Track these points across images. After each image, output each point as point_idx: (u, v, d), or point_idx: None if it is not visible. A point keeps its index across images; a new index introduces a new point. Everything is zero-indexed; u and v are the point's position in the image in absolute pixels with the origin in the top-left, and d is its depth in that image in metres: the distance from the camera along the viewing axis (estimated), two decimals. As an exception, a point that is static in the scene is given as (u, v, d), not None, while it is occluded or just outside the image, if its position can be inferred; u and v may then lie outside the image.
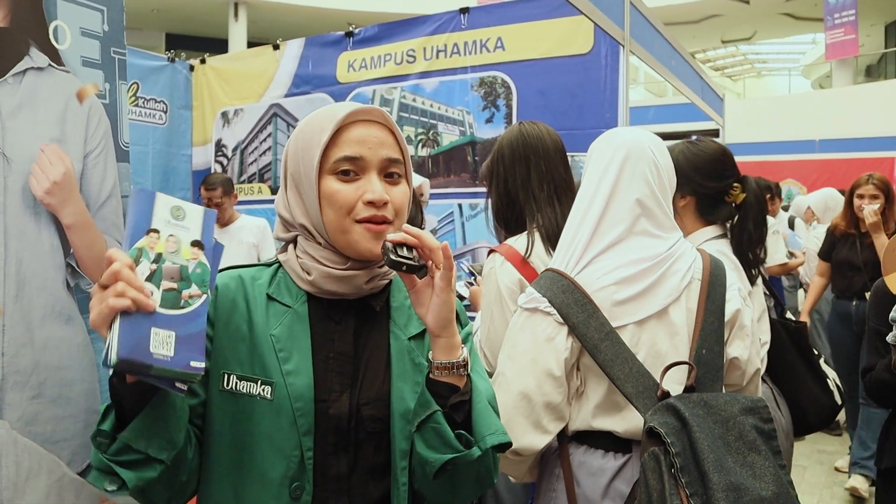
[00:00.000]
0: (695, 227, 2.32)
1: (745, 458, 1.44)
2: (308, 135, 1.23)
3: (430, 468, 1.15)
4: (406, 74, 4.34)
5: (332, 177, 1.21)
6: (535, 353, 1.61)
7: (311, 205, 1.22)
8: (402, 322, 1.29)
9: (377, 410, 1.22)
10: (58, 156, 1.26)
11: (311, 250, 1.25)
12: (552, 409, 1.61)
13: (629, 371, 1.58)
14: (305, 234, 1.25)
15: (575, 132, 3.49)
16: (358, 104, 1.23)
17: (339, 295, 1.24)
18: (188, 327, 1.00)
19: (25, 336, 1.20)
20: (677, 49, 4.22)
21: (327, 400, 1.20)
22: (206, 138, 5.27)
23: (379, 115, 1.24)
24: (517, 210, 2.17)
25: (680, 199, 2.29)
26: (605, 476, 1.62)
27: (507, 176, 2.18)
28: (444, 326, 1.15)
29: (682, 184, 2.23)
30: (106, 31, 1.35)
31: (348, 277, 1.23)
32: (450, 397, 1.16)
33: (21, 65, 1.21)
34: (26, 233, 1.21)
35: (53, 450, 1.25)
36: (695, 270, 1.69)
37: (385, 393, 1.23)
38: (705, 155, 2.31)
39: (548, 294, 1.63)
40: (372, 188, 1.20)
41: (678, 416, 1.47)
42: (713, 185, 2.29)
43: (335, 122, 1.20)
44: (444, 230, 4.21)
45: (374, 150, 1.21)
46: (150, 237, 1.00)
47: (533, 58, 3.92)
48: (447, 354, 1.16)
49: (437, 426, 1.14)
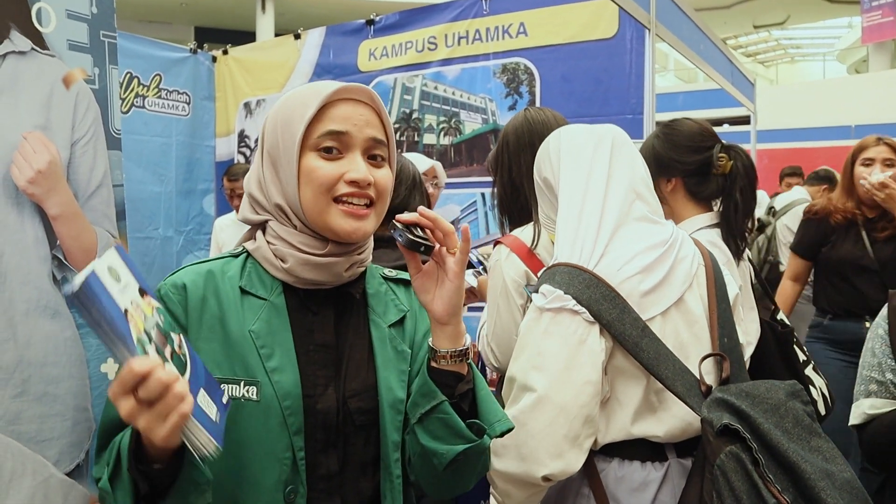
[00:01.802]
0: (686, 213, 2.21)
1: (809, 444, 1.36)
2: (290, 110, 1.16)
3: (441, 459, 1.12)
4: (427, 62, 4.27)
5: (313, 153, 1.15)
6: (568, 358, 1.44)
7: (288, 182, 1.15)
8: (380, 310, 1.25)
9: (364, 402, 1.18)
10: (42, 143, 1.21)
11: (285, 235, 1.18)
12: (590, 422, 1.45)
13: (674, 368, 1.46)
14: (280, 215, 1.18)
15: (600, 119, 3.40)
16: (346, 83, 1.17)
17: (316, 284, 1.18)
18: (201, 375, 0.97)
19: (7, 331, 1.16)
20: (706, 32, 4.11)
21: (313, 395, 1.15)
22: (229, 129, 5.25)
23: (366, 95, 1.18)
24: (522, 200, 2.09)
25: (666, 184, 2.20)
26: (649, 490, 1.50)
27: (511, 164, 2.10)
28: (453, 314, 1.12)
29: (666, 167, 2.19)
30: (95, 14, 1.30)
31: (328, 265, 1.17)
32: (456, 386, 1.13)
33: (0, 49, 1.16)
34: (7, 224, 1.17)
35: (39, 449, 1.21)
36: (697, 255, 1.61)
37: (371, 384, 1.19)
38: (680, 132, 2.22)
39: (570, 290, 1.47)
40: (356, 167, 1.14)
41: (733, 410, 1.38)
42: (696, 159, 2.18)
43: (321, 97, 1.14)
44: (468, 220, 4.15)
45: (359, 128, 1.16)
46: (132, 319, 0.88)
47: (556, 43, 3.84)
48: (453, 342, 1.13)
49: (445, 416, 1.11)
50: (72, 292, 0.81)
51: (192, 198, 5.16)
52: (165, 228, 4.95)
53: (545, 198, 1.77)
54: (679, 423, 1.49)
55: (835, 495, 1.27)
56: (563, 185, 1.63)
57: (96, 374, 1.28)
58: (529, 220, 2.05)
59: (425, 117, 4.27)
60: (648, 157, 2.16)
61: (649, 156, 2.17)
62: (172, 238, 5.01)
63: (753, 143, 5.74)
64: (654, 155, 2.20)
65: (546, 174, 1.71)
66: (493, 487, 1.53)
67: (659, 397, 1.50)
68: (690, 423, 1.50)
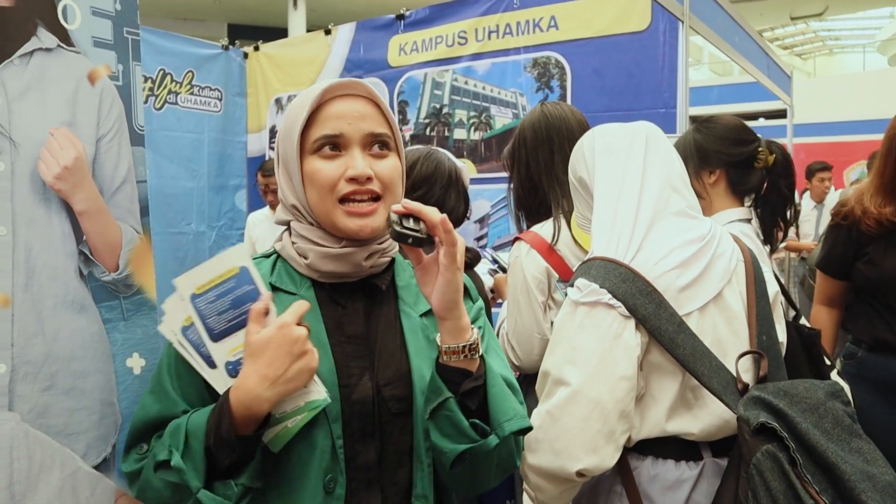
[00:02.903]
0: (722, 206, 2.21)
1: (849, 445, 1.33)
2: (292, 116, 1.19)
3: (446, 458, 1.12)
4: (458, 57, 4.25)
5: (314, 156, 1.17)
6: (603, 353, 1.43)
7: (297, 186, 1.19)
8: (410, 300, 1.26)
9: (399, 390, 1.19)
10: (69, 140, 1.22)
11: (305, 232, 1.21)
12: (625, 418, 1.43)
13: (710, 365, 1.44)
14: (297, 214, 1.22)
15: (632, 113, 3.38)
16: (338, 80, 1.19)
17: (340, 276, 1.21)
18: None
19: (36, 326, 1.17)
20: (741, 24, 4.04)
21: (349, 385, 1.17)
22: (261, 125, 5.29)
23: (360, 88, 1.19)
24: (540, 195, 2.07)
25: (709, 176, 2.20)
26: (683, 489, 1.48)
27: (528, 160, 2.08)
28: (450, 308, 1.10)
29: (709, 159, 2.18)
30: (118, 11, 1.31)
31: (345, 255, 1.19)
32: (461, 383, 1.11)
33: (28, 46, 1.17)
34: (36, 220, 1.18)
35: (67, 443, 1.22)
36: (736, 251, 1.58)
37: (405, 371, 1.20)
38: (723, 125, 2.22)
39: (606, 284, 1.45)
40: (354, 164, 1.16)
41: (771, 408, 1.35)
42: (741, 150, 2.19)
43: (312, 100, 1.16)
44: (498, 215, 4.13)
45: (354, 124, 1.17)
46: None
47: (587, 36, 3.80)
48: (455, 338, 1.12)
49: (450, 414, 1.10)
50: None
51: (223, 193, 5.20)
52: (198, 224, 5.00)
53: (580, 197, 1.75)
54: (715, 421, 1.47)
55: (876, 498, 1.24)
56: (598, 182, 1.62)
57: (122, 369, 1.29)
58: (548, 216, 2.03)
59: (455, 112, 4.25)
60: (689, 151, 2.16)
61: (690, 149, 2.18)
62: (205, 233, 5.05)
63: (790, 137, 5.64)
64: (696, 147, 2.20)
65: (581, 173, 1.69)
66: (526, 482, 1.52)
67: (695, 394, 1.48)
68: (727, 420, 1.47)
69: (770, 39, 25.35)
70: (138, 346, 1.33)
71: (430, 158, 2.01)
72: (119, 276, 1.29)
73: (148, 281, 1.34)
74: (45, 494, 1.17)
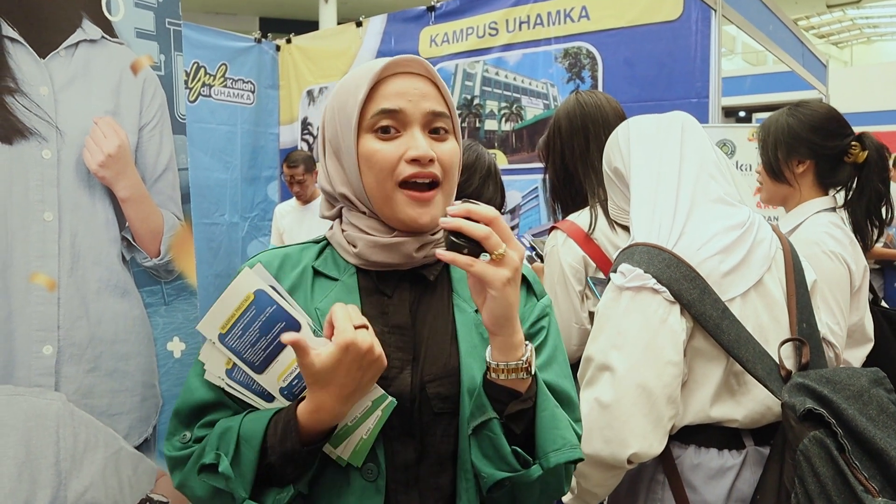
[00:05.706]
0: (809, 195, 2.11)
1: (895, 430, 1.31)
2: (344, 95, 1.12)
3: (484, 483, 1.04)
4: (489, 48, 4.26)
5: (370, 135, 1.09)
6: (649, 338, 1.40)
7: (350, 170, 1.11)
8: (466, 294, 1.16)
9: (445, 388, 1.09)
10: (112, 128, 1.25)
11: (355, 220, 1.15)
12: (672, 403, 1.42)
13: (754, 351, 1.42)
14: (348, 204, 1.15)
15: (664, 103, 3.36)
16: (399, 56, 1.11)
17: (389, 266, 1.13)
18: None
19: (80, 309, 1.21)
20: (776, 13, 3.99)
21: (387, 377, 1.07)
22: (293, 117, 5.34)
23: (420, 67, 1.12)
24: (576, 185, 2.06)
25: (798, 165, 2.09)
26: (727, 477, 1.46)
27: (563, 149, 2.07)
28: (500, 325, 1.00)
29: (799, 147, 2.08)
30: (160, 2, 1.34)
31: (396, 245, 1.11)
32: (508, 403, 1.03)
33: (74, 37, 1.21)
34: (81, 206, 1.21)
35: (110, 423, 1.25)
36: (775, 239, 1.57)
37: (453, 368, 1.10)
38: (819, 114, 2.11)
39: (651, 270, 1.43)
40: (415, 144, 1.07)
41: (815, 395, 1.33)
42: (835, 144, 2.08)
43: (372, 75, 1.08)
44: (529, 206, 4.13)
45: (415, 102, 1.09)
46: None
47: (619, 26, 3.78)
48: (505, 355, 1.01)
49: (493, 436, 1.02)
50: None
51: (256, 185, 5.26)
52: (231, 214, 5.07)
53: (615, 188, 1.75)
54: (758, 408, 1.46)
55: None
56: (634, 170, 1.62)
57: (162, 352, 1.33)
58: (584, 206, 2.03)
59: (486, 103, 4.26)
60: (781, 134, 2.09)
61: (783, 132, 2.10)
62: (238, 224, 5.12)
63: (825, 126, 5.56)
64: (789, 133, 2.10)
65: (616, 164, 1.69)
66: None
67: (738, 380, 1.47)
68: (770, 407, 1.47)
69: (805, 28, 24.92)
70: (179, 330, 1.36)
71: (470, 149, 2.02)
72: (160, 262, 1.32)
73: (189, 266, 1.36)
74: (90, 472, 1.21)
